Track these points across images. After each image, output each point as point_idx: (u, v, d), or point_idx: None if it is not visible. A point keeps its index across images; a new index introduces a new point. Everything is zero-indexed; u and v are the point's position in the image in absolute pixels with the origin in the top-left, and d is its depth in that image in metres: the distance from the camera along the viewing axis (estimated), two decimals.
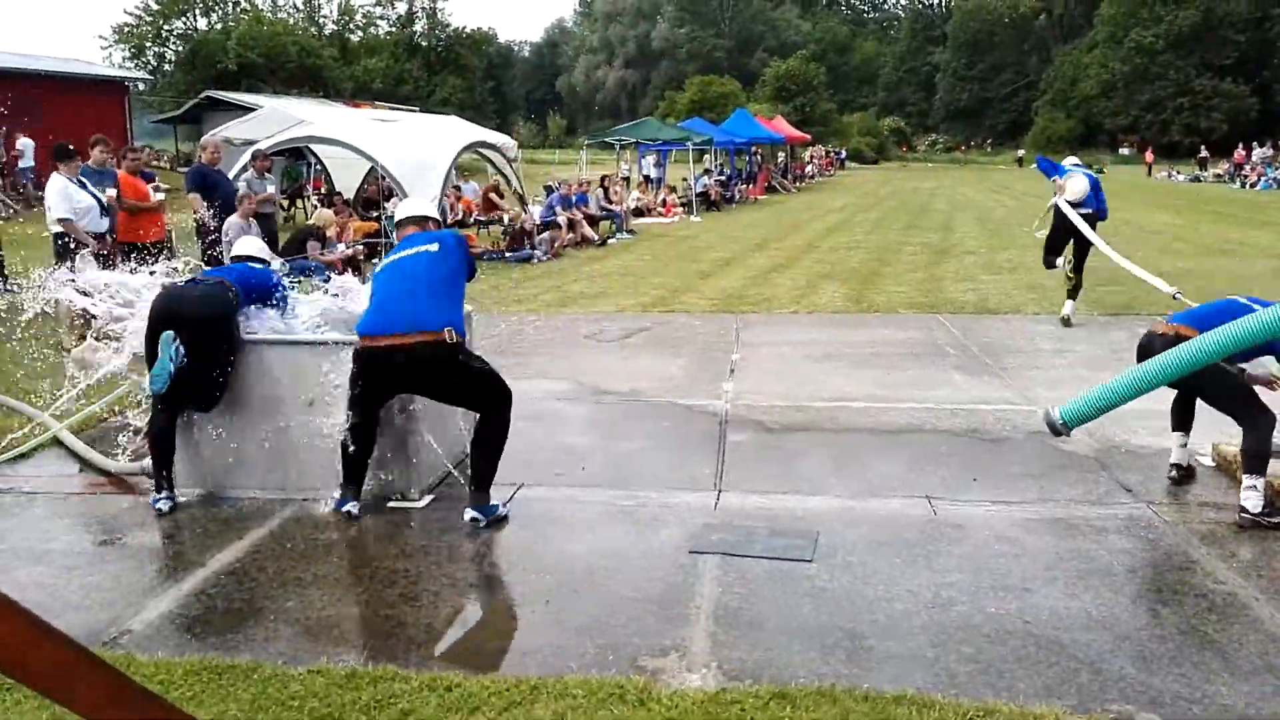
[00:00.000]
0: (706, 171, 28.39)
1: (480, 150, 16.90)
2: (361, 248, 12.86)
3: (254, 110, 22.40)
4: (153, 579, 4.10)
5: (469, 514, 4.56)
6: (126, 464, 5.36)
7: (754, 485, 5.06)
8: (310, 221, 13.77)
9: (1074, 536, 4.39)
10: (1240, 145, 43.27)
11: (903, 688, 3.12)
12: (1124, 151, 65.97)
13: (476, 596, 3.95)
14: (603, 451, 5.74)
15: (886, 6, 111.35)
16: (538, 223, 15.93)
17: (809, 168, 45.48)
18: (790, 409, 6.56)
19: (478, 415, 4.72)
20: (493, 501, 4.62)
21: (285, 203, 21.72)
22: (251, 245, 5.71)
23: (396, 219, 5.15)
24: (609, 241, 17.53)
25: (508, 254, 14.96)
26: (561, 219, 16.13)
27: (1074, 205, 9.38)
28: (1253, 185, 35.76)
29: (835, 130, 68.41)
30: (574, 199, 17.24)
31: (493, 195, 17.75)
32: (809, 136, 49.58)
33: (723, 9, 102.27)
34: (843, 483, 5.15)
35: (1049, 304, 10.43)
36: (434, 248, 4.68)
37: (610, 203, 19.50)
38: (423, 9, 61.69)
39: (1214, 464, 5.24)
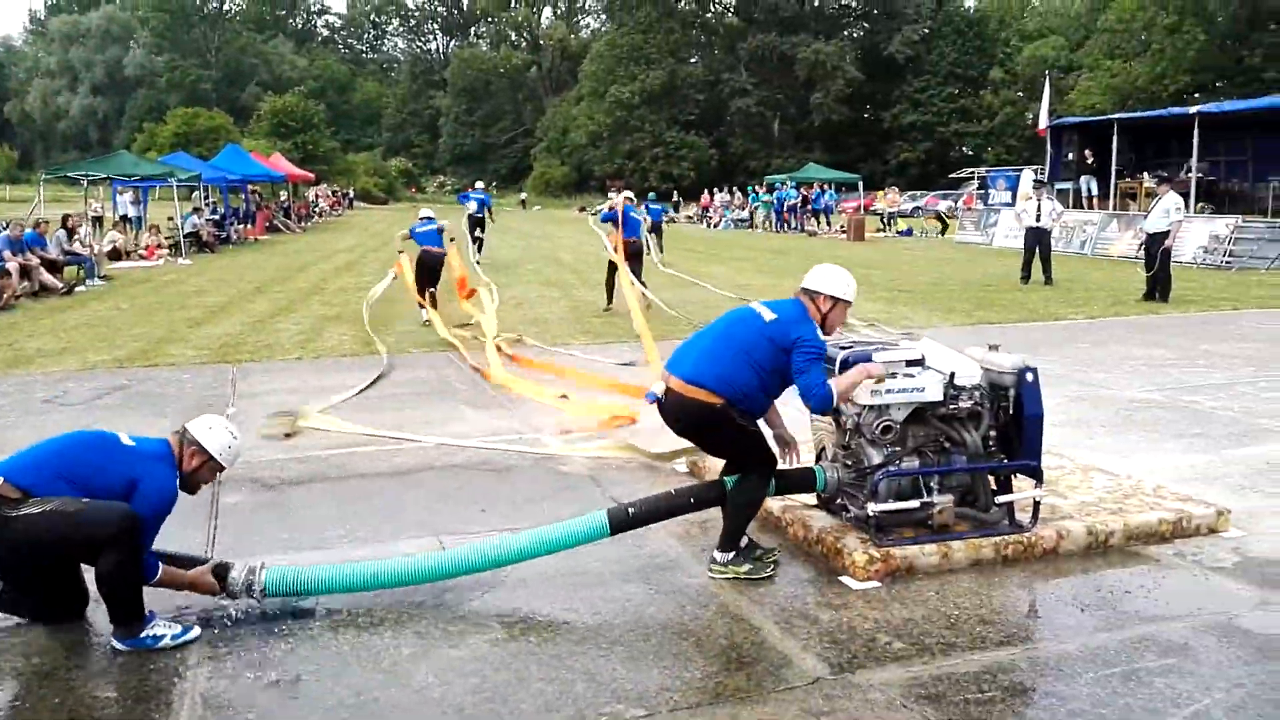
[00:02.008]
0: (196, 210, 26.24)
1: None
2: None
3: None
4: None
5: (113, 643, 3.68)
6: None
7: (251, 549, 4.64)
8: None
9: (572, 553, 4.60)
10: (706, 191, 49.72)
11: None
12: (612, 196, 73.00)
13: None
14: None
15: (385, 48, 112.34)
16: None
17: (317, 206, 44.19)
18: (292, 461, 6.20)
19: None
20: (149, 632, 3.67)
21: None
22: None
23: None
24: (76, 289, 15.39)
25: None
26: (11, 265, 13.81)
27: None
28: (716, 225, 41.50)
29: (341, 169, 67.32)
30: (25, 241, 14.87)
31: None
32: (312, 175, 48.19)
33: (207, 39, 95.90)
34: (349, 533, 4.95)
35: (550, 335, 11.07)
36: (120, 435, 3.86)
37: (76, 245, 17.14)
38: None
39: (687, 471, 5.86)
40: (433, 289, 12.37)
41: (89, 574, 3.81)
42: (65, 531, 3.54)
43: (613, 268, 12.79)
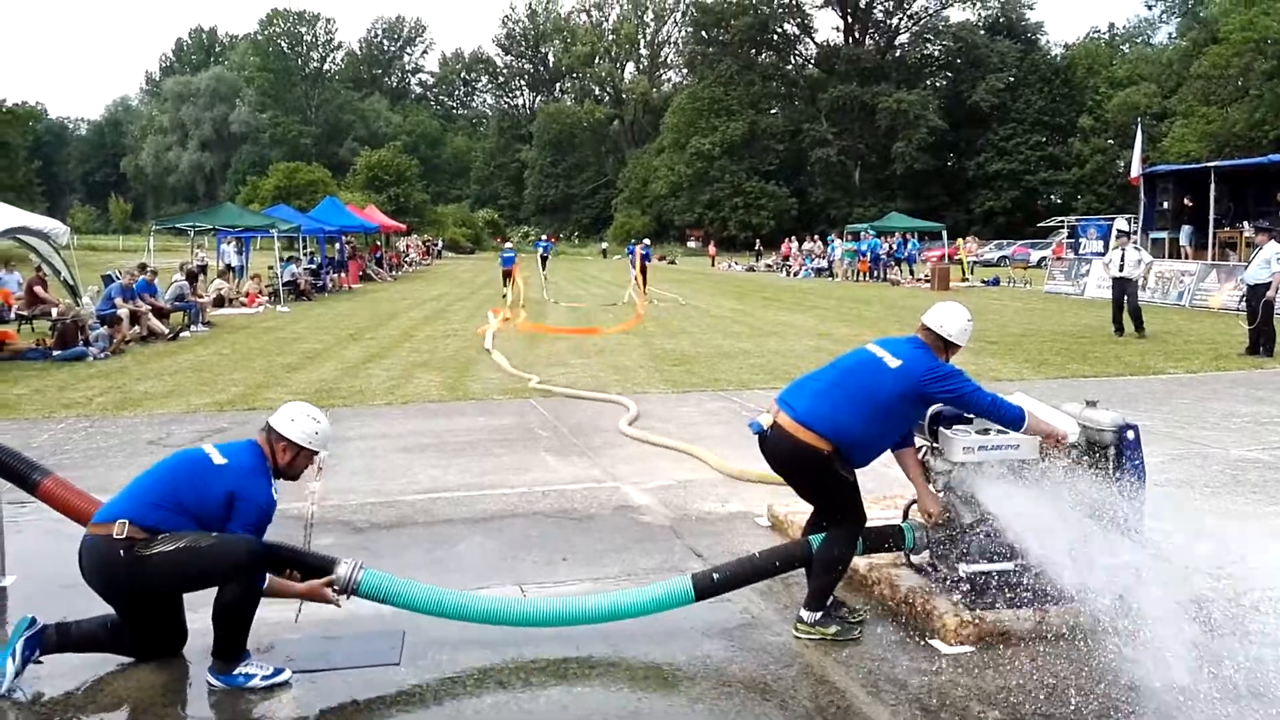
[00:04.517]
0: (293, 259, 27.22)
1: (20, 237, 14.82)
2: None
3: None
4: None
5: (208, 678, 3.80)
6: None
7: None
8: None
9: None
10: (788, 239, 49.64)
11: None
12: (691, 245, 73.63)
13: None
14: None
15: (474, 104, 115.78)
16: (95, 315, 14.20)
17: (408, 256, 45.51)
18: (381, 505, 6.32)
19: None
20: (241, 670, 3.76)
21: None
22: None
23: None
24: (181, 335, 16.06)
25: (56, 352, 13.11)
26: (122, 311, 14.50)
27: None
28: (796, 274, 41.38)
29: (431, 221, 69.28)
30: (136, 288, 15.60)
31: (38, 288, 15.58)
32: (404, 226, 49.68)
33: (308, 97, 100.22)
34: (435, 577, 4.98)
35: (631, 384, 11.12)
36: (211, 454, 3.95)
37: (192, 293, 17.91)
38: None
39: (769, 524, 5.80)
40: (507, 286, 25.65)
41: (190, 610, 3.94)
42: (200, 565, 3.68)
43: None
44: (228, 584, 3.71)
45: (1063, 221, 35.95)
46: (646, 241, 33.57)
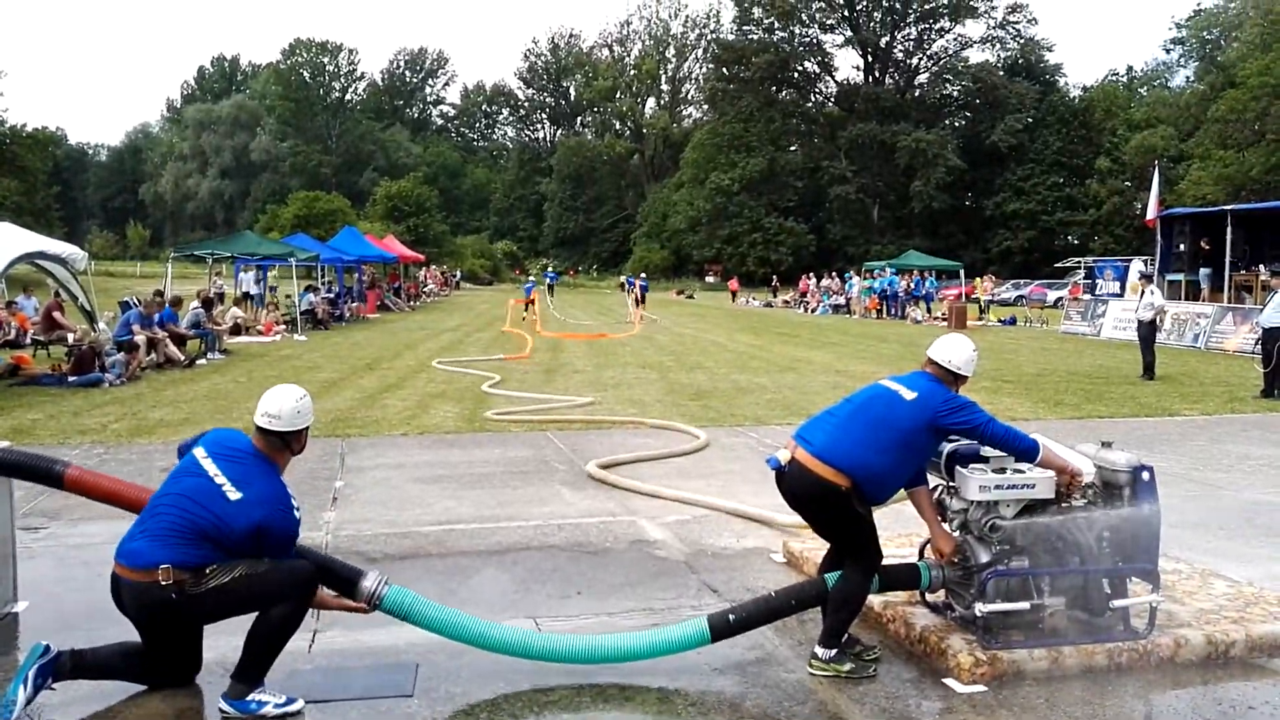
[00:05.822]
0: (311, 288, 27.44)
1: (38, 262, 15.01)
2: None
3: None
4: None
5: (220, 704, 3.77)
6: None
7: (352, 621, 4.73)
8: None
9: None
10: (805, 276, 49.55)
11: None
12: (710, 280, 73.81)
13: None
14: None
15: (495, 136, 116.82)
16: (112, 341, 14.32)
17: (427, 287, 45.82)
18: (396, 536, 6.33)
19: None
20: (254, 697, 3.75)
21: None
22: None
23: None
24: (197, 362, 16.17)
25: (71, 378, 13.20)
26: (140, 338, 14.61)
27: None
28: (813, 310, 41.37)
29: (450, 251, 69.75)
30: (157, 317, 15.73)
31: (56, 314, 15.74)
32: (423, 257, 50.05)
33: (329, 126, 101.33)
34: None
35: (648, 418, 11.12)
36: (224, 486, 3.80)
37: (210, 320, 18.08)
38: None
39: (784, 560, 5.79)
40: (527, 309, 32.55)
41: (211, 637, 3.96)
42: (257, 590, 3.73)
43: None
44: (277, 604, 3.75)
45: (1079, 262, 35.89)
46: (643, 275, 46.84)
